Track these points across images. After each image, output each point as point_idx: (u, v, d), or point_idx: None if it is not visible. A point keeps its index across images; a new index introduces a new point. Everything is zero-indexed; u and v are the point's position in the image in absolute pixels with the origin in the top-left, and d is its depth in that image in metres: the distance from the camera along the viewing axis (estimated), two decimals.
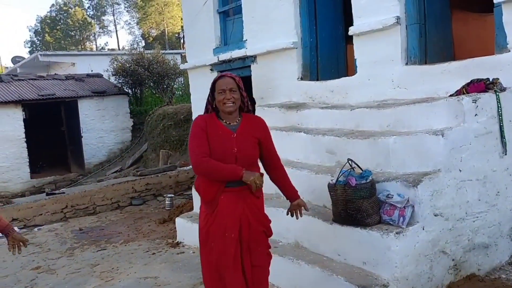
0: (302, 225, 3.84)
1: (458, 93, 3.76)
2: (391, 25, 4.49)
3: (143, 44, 41.63)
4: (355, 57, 5.04)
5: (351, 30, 4.96)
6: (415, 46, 4.54)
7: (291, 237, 3.99)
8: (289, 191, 3.00)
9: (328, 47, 5.91)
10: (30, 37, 49.61)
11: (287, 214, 3.06)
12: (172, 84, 14.82)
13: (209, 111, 2.85)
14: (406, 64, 4.56)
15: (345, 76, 5.47)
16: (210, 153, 2.68)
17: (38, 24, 48.37)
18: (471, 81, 3.75)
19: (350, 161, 3.43)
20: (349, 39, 5.33)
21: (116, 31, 50.49)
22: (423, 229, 3.24)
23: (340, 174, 3.41)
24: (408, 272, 3.15)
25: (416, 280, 3.19)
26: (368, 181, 3.32)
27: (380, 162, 3.73)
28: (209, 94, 2.84)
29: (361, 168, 3.45)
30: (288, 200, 3.04)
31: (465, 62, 4.05)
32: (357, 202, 3.29)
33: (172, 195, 7.67)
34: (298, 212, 3.03)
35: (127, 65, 14.28)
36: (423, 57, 4.61)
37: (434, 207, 3.30)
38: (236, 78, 2.80)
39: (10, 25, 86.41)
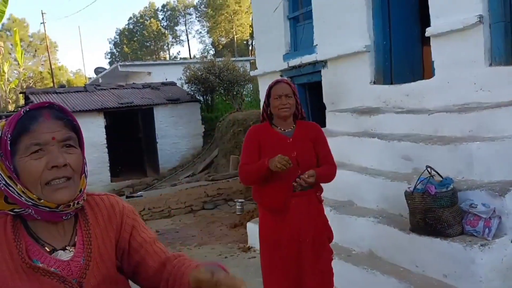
0: (377, 233, 3.74)
1: None
2: (473, 24, 4.24)
3: (213, 52, 42.95)
4: (432, 59, 4.81)
5: (428, 31, 4.74)
6: (500, 45, 4.24)
7: (365, 245, 3.88)
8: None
9: (403, 50, 5.71)
10: (110, 49, 53.21)
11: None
12: (242, 90, 15.07)
13: (264, 118, 2.87)
14: (490, 65, 4.27)
15: (421, 80, 5.24)
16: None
17: (117, 37, 51.69)
18: None
19: (429, 168, 3.28)
20: (426, 41, 5.11)
21: (188, 40, 52.66)
22: None
23: (418, 181, 3.27)
24: (494, 287, 2.94)
25: None
26: (449, 189, 3.15)
27: (461, 169, 3.53)
28: (264, 101, 2.87)
29: (440, 176, 3.28)
30: None
31: None
32: (437, 211, 3.13)
33: (243, 200, 7.78)
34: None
35: (199, 73, 14.73)
36: (510, 57, 4.29)
37: None
38: (292, 84, 2.81)
39: (93, 38, 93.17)
